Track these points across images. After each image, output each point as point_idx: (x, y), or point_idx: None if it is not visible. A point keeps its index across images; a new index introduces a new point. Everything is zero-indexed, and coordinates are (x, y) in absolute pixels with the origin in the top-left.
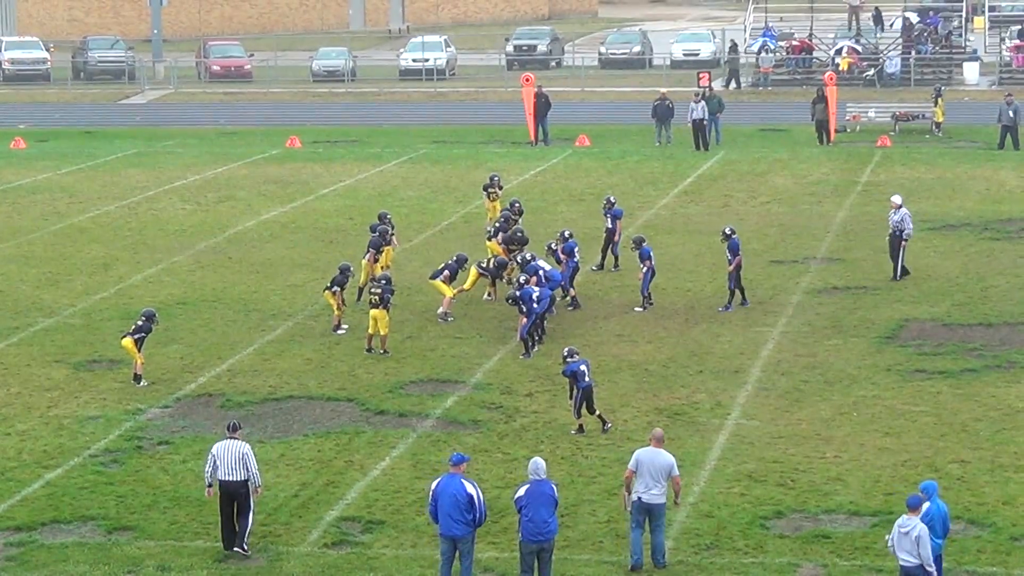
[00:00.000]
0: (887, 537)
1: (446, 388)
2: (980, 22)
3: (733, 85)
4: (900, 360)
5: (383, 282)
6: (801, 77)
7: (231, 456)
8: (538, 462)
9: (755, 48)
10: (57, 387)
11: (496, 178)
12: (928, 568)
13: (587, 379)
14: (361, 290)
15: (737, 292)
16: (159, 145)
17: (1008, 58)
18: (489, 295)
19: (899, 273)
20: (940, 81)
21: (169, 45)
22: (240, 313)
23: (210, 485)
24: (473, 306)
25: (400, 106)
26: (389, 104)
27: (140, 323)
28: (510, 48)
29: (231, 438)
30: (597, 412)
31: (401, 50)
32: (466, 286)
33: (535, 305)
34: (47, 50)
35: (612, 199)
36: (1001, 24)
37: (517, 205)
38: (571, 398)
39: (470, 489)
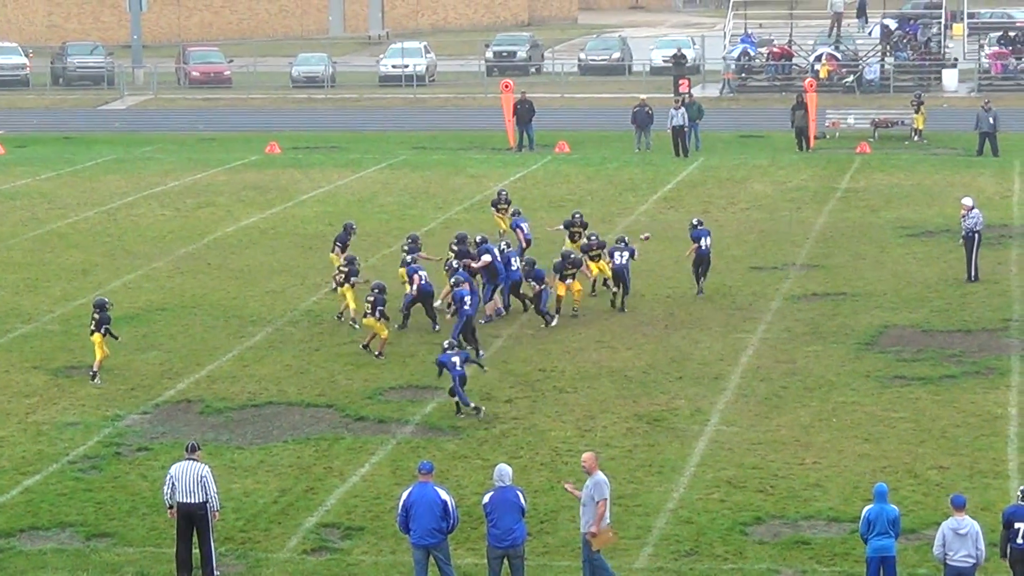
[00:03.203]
0: (936, 546)
1: (426, 394)
2: (959, 29)
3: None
4: (879, 366)
5: (376, 291)
6: (781, 83)
7: (189, 478)
8: (503, 468)
9: (735, 54)
10: (35, 393)
11: (504, 193)
12: (982, 564)
13: (459, 368)
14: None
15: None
16: (138, 151)
17: (987, 65)
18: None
19: (974, 274)
20: (920, 88)
21: (149, 51)
22: (219, 319)
23: (171, 507)
24: (452, 315)
25: (380, 112)
26: (369, 110)
27: (97, 316)
28: (489, 54)
29: (189, 459)
30: (458, 399)
31: (380, 56)
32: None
33: (466, 307)
34: (26, 55)
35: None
36: (980, 31)
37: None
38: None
39: (444, 495)
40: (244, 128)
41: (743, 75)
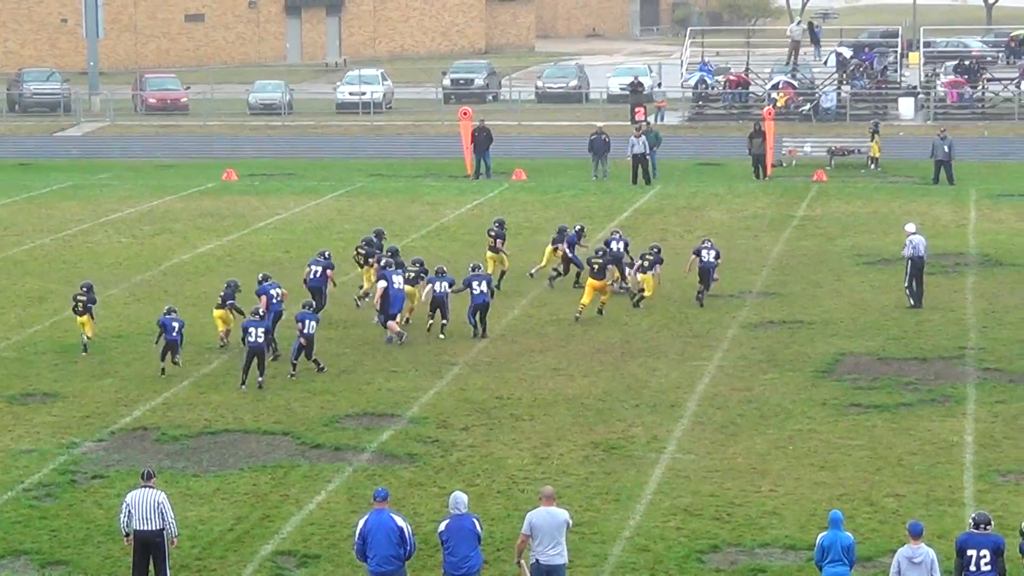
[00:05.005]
0: (892, 574)
1: (382, 422)
2: (915, 58)
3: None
4: (835, 394)
5: (229, 287)
6: (738, 112)
7: (146, 505)
8: (458, 496)
9: (692, 82)
10: None
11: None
12: None
13: (174, 335)
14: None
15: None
16: (95, 178)
17: (943, 93)
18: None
19: (919, 299)
20: (876, 116)
21: (105, 78)
22: None
23: (127, 535)
24: (407, 342)
25: (337, 139)
26: (326, 137)
27: (84, 297)
28: (447, 82)
29: (145, 486)
30: (178, 362)
31: (338, 83)
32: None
33: (251, 339)
34: None
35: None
36: (936, 60)
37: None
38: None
39: (400, 522)
40: (201, 155)
41: (700, 103)
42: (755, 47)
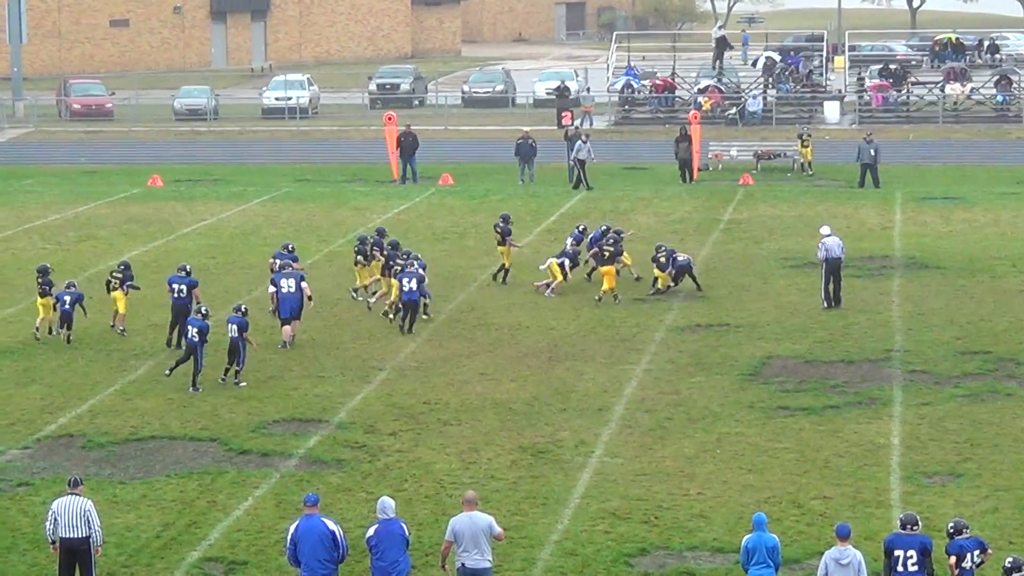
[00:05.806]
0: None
1: (309, 427)
2: (840, 62)
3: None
4: (763, 397)
5: (122, 267)
6: (664, 116)
7: (72, 512)
8: (386, 501)
9: (618, 87)
10: None
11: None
12: None
13: (66, 307)
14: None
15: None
16: (18, 184)
17: (868, 97)
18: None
19: (839, 299)
20: (802, 120)
21: (29, 83)
22: (101, 353)
23: (54, 543)
24: (335, 348)
25: (263, 145)
26: (252, 143)
27: (41, 280)
28: (373, 87)
29: (72, 494)
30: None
31: (264, 89)
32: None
33: (188, 336)
34: None
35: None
36: (861, 64)
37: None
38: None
39: (332, 526)
40: (126, 161)
41: (626, 107)
42: (681, 51)
